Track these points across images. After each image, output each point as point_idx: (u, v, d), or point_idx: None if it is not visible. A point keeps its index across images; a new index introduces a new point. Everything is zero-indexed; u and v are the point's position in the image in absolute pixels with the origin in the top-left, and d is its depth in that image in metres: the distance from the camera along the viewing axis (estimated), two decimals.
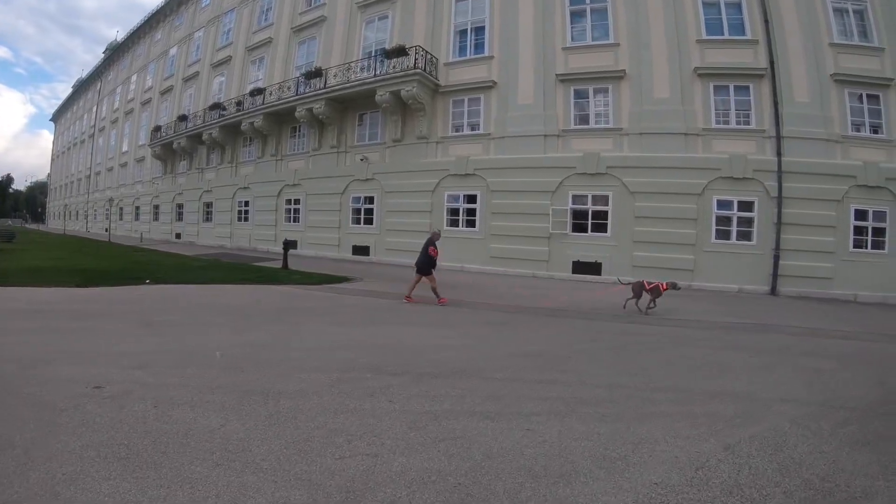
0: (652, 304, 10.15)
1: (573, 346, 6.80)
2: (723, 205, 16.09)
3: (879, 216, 15.64)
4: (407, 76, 18.88)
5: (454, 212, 19.19)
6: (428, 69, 19.02)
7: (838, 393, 4.93)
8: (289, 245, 17.67)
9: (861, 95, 16.17)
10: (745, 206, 16.05)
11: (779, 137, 15.80)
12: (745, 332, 8.70)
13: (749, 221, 16.01)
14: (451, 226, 19.14)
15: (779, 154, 15.75)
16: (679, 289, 10.53)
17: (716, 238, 16.07)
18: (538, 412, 3.88)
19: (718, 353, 6.71)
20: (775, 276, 15.56)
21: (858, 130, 16.13)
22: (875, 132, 16.19)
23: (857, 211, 15.71)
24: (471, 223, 18.90)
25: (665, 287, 10.16)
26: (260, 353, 5.51)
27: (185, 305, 9.11)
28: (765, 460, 3.18)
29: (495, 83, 18.50)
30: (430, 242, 10.71)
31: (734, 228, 16.02)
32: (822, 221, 15.52)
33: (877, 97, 16.19)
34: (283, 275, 14.70)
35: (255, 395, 4.06)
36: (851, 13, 16.65)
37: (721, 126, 16.32)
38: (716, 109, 16.42)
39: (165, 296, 10.11)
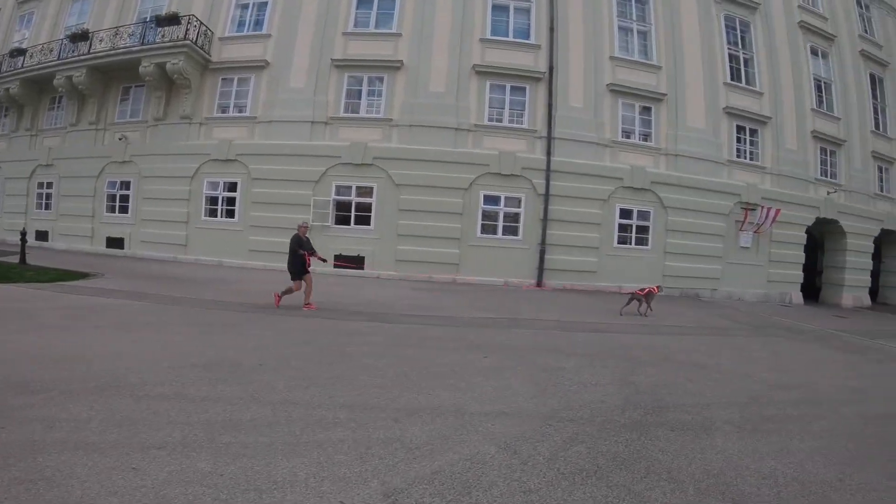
0: (645, 309, 10.77)
1: (280, 349, 5.57)
2: (490, 200, 15.18)
3: (644, 215, 15.86)
4: (176, 47, 16.56)
5: (213, 200, 16.66)
6: (200, 42, 16.85)
7: (574, 399, 4.34)
8: (26, 236, 14.13)
9: (634, 106, 15.98)
10: (513, 202, 15.27)
11: (550, 138, 15.21)
12: (494, 328, 7.99)
13: (515, 217, 15.25)
14: (209, 216, 16.59)
15: (549, 154, 15.06)
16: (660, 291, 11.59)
17: (482, 233, 15.12)
18: (166, 443, 2.92)
19: (449, 354, 5.85)
20: (541, 269, 14.91)
21: (629, 137, 15.81)
22: (645, 139, 15.89)
23: (622, 210, 15.65)
24: (230, 213, 16.43)
25: (656, 289, 11.15)
26: None
27: None
28: None
29: (268, 63, 16.63)
30: (297, 241, 8.88)
31: (500, 223, 15.24)
32: (589, 219, 15.24)
33: (649, 109, 16.07)
34: (15, 272, 11.67)
35: None
36: (636, 32, 16.87)
37: (494, 123, 15.55)
38: (490, 107, 15.66)
39: None
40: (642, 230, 15.82)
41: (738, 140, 17.16)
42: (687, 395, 4.82)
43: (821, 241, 20.20)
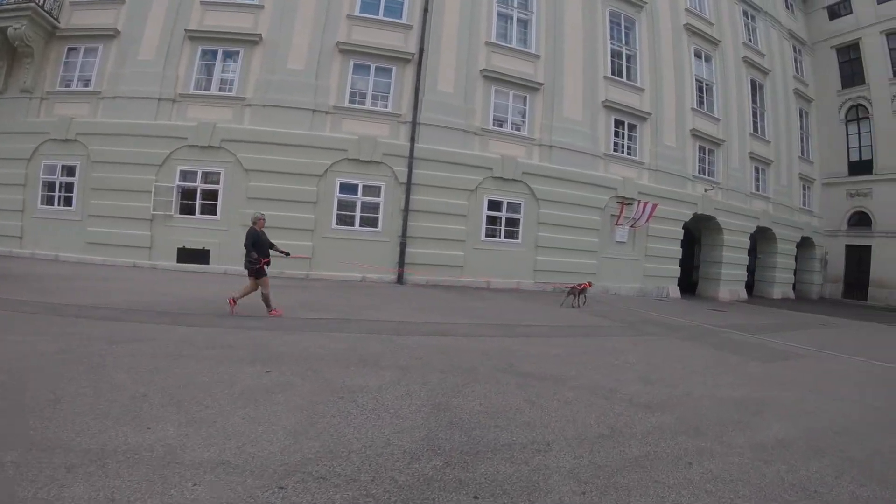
0: (581, 302, 12.03)
1: (19, 361, 4.25)
2: (347, 188, 14.15)
3: (514, 207, 15.33)
4: (19, 10, 14.75)
5: (51, 186, 14.87)
6: (48, 6, 15.10)
7: (347, 440, 3.14)
8: None
9: (508, 94, 15.48)
10: (372, 190, 14.30)
11: (415, 123, 14.39)
12: (313, 331, 6.70)
13: (375, 207, 14.27)
14: (46, 203, 14.77)
15: (413, 140, 14.19)
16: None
17: (338, 224, 14.05)
18: None
19: (226, 367, 4.60)
20: (402, 264, 13.97)
21: (501, 126, 15.27)
22: (518, 129, 15.49)
23: (491, 201, 15.04)
24: (68, 201, 14.68)
25: (588, 284, 12.36)
26: None
27: None
28: None
29: (119, 32, 15.10)
30: (255, 237, 7.72)
31: (358, 214, 14.22)
32: (455, 210, 14.55)
33: (524, 98, 15.67)
34: None
35: None
36: (516, 20, 16.44)
37: (356, 106, 14.60)
38: (353, 88, 14.69)
39: None
40: (512, 223, 15.28)
41: (617, 134, 17.07)
42: (521, 427, 3.63)
43: (698, 236, 20.52)
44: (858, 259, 24.91)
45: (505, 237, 15.20)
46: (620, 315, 11.54)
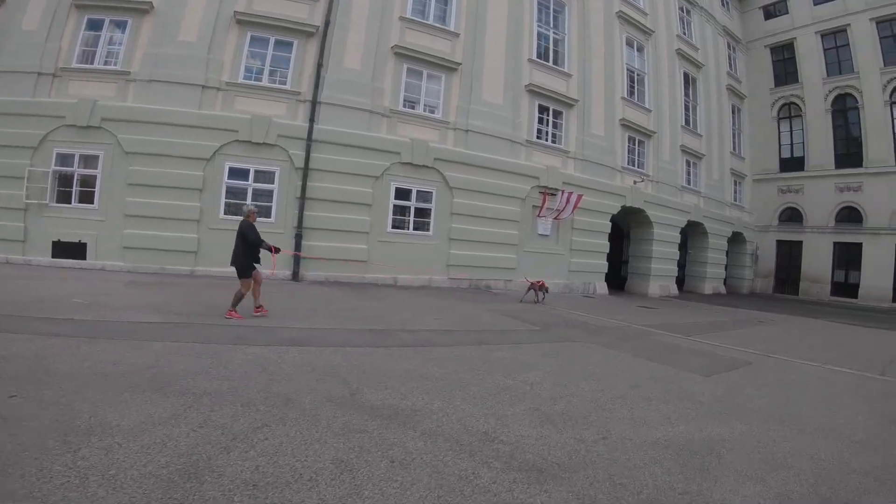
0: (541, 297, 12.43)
1: None
2: (237, 174, 12.61)
3: (425, 196, 14.13)
4: None
5: None
6: None
7: None
8: None
9: (422, 74, 14.29)
10: (266, 176, 12.84)
11: (316, 102, 12.95)
12: (133, 339, 5.24)
13: (269, 195, 12.77)
14: None
15: (312, 120, 12.76)
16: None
17: (226, 213, 12.42)
18: None
19: None
20: (299, 258, 12.42)
21: (413, 108, 14.09)
22: (432, 111, 14.32)
23: (399, 189, 13.77)
24: None
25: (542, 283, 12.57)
26: None
27: None
28: None
29: (2, 2, 13.04)
30: (249, 229, 7.07)
31: (248, 203, 12.42)
32: (358, 198, 13.15)
33: (439, 78, 14.49)
34: None
35: None
36: None
37: (251, 82, 13.03)
38: (249, 63, 13.16)
39: None
40: (423, 214, 14.05)
41: (541, 121, 16.17)
42: None
43: (627, 230, 19.96)
44: (789, 254, 25.10)
45: (414, 229, 13.96)
46: (538, 315, 10.31)
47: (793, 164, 25.38)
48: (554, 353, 6.62)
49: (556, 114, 16.53)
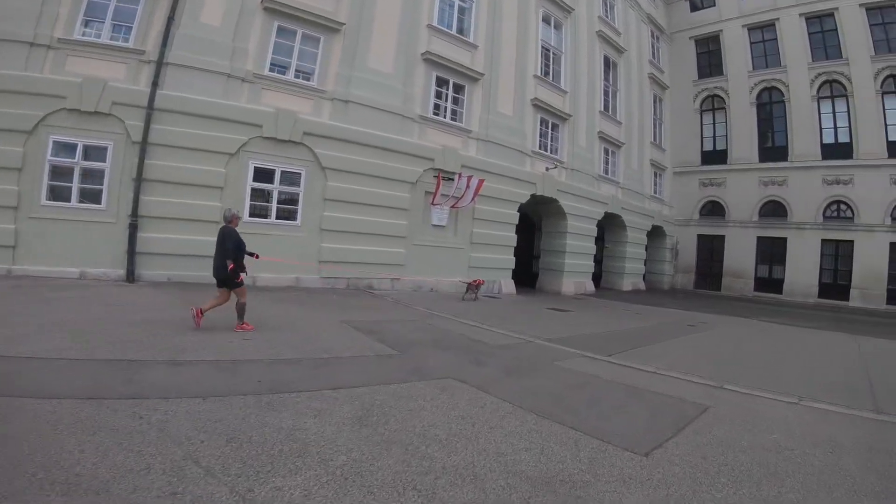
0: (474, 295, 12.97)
1: None
2: (62, 149, 10.15)
3: (292, 178, 12.14)
4: None
5: None
6: None
7: None
8: None
9: (296, 33, 12.50)
10: (96, 152, 10.44)
11: (162, 63, 10.69)
12: None
13: (100, 175, 10.41)
14: None
15: (155, 84, 10.56)
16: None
17: (51, 198, 10.03)
18: None
19: None
20: (132, 254, 10.19)
21: (284, 73, 12.16)
22: (307, 78, 12.44)
23: (258, 169, 11.72)
24: None
25: (482, 281, 13.31)
26: None
27: None
28: None
29: None
30: (233, 236, 6.48)
31: (75, 185, 10.24)
32: (207, 180, 11.00)
33: (317, 39, 12.71)
34: None
35: None
36: None
37: (89, 39, 10.53)
38: (88, 19, 10.64)
39: None
40: (289, 200, 12.07)
41: (439, 95, 14.54)
42: None
43: (538, 222, 18.74)
44: (711, 249, 24.81)
45: (278, 218, 11.91)
46: (407, 329, 7.90)
47: (715, 157, 25.10)
48: (383, 409, 3.96)
49: (458, 88, 14.94)
